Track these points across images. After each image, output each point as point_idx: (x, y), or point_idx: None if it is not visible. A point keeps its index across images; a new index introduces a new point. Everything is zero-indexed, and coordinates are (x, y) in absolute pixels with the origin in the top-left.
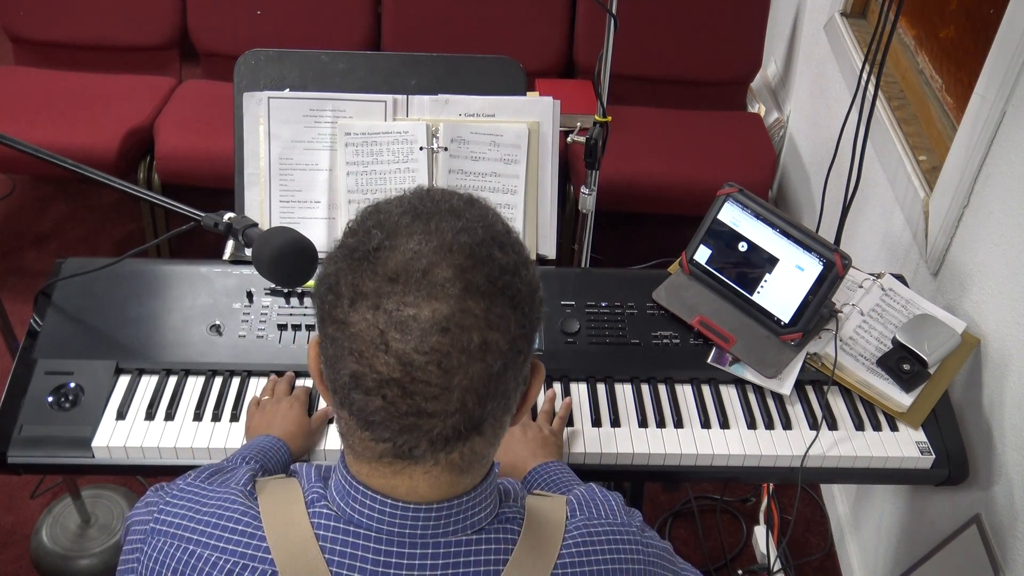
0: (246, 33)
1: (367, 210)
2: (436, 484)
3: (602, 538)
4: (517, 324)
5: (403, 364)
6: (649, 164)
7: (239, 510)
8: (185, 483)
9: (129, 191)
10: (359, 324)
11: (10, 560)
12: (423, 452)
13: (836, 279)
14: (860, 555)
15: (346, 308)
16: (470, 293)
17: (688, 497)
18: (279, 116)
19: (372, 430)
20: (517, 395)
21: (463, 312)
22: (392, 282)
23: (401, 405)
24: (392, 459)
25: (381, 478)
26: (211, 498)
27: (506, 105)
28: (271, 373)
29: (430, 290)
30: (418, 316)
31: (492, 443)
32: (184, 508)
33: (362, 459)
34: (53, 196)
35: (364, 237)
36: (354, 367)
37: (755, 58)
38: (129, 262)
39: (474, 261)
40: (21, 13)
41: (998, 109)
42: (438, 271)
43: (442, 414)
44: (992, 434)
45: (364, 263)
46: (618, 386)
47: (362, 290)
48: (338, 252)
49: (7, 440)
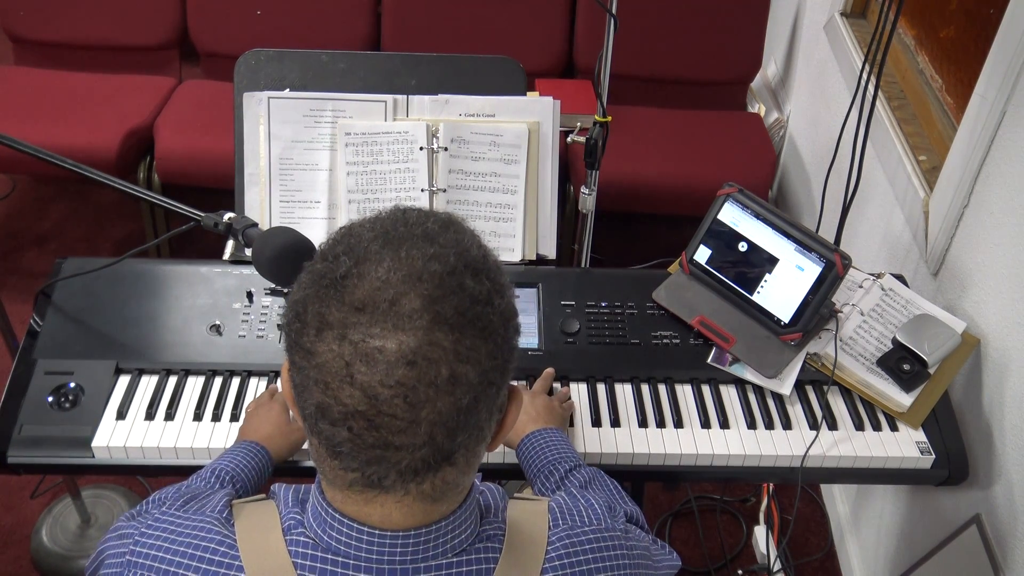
0: (246, 33)
1: (340, 232)
2: (409, 513)
3: (586, 546)
4: (488, 356)
5: (368, 397)
6: (649, 164)
7: (215, 539)
8: (160, 512)
9: (129, 191)
10: (325, 355)
11: (10, 560)
12: (392, 482)
13: (836, 279)
14: (860, 555)
15: (312, 337)
16: (438, 325)
17: (688, 497)
18: (279, 116)
19: (340, 460)
20: (492, 424)
21: (431, 345)
22: (359, 312)
23: (367, 437)
24: (363, 488)
25: (354, 505)
26: (187, 527)
27: (506, 105)
28: (271, 373)
29: (396, 321)
30: (384, 348)
31: (466, 472)
32: (160, 540)
33: (334, 486)
34: (53, 196)
35: (333, 263)
36: (320, 398)
37: (755, 58)
38: (129, 262)
39: (443, 291)
40: (21, 13)
41: (998, 109)
42: (405, 301)
43: (409, 447)
44: (992, 434)
45: (331, 291)
46: (618, 386)
47: (328, 319)
48: (306, 277)
49: (7, 440)
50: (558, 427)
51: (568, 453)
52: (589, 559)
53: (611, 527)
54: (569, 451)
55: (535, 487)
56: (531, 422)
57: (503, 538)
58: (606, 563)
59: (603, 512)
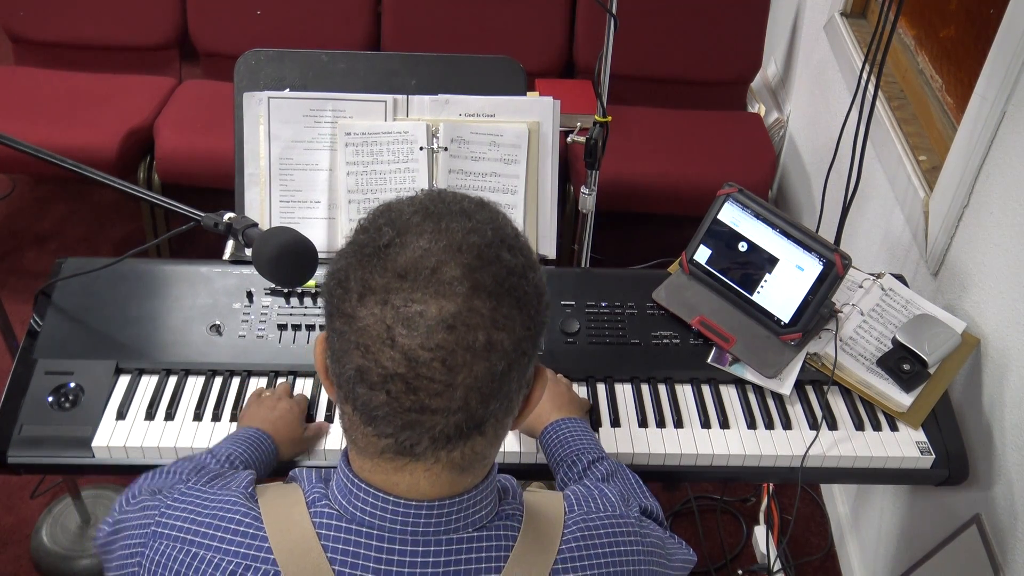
0: (246, 33)
1: (379, 208)
2: (437, 482)
3: (601, 531)
4: (523, 325)
5: (408, 360)
6: (649, 164)
7: (240, 511)
8: (186, 487)
9: (129, 191)
10: (366, 319)
11: (10, 560)
12: (424, 449)
13: (836, 279)
14: (860, 555)
15: (354, 302)
16: (477, 292)
17: (688, 497)
18: (279, 116)
19: (375, 425)
20: (520, 397)
21: (470, 311)
22: (401, 278)
23: (405, 400)
24: (394, 455)
25: (383, 474)
26: (212, 501)
27: (506, 105)
28: (271, 373)
29: (438, 288)
30: (425, 313)
31: (493, 444)
32: (186, 511)
33: (364, 455)
34: (53, 196)
35: (375, 234)
36: (360, 361)
37: (755, 58)
38: (129, 262)
39: (482, 261)
40: (21, 13)
41: (998, 109)
42: (447, 269)
43: (445, 411)
44: (992, 434)
45: (374, 259)
46: (618, 386)
47: (371, 285)
48: (348, 248)
49: (7, 440)
50: (580, 417)
51: (592, 444)
52: (603, 543)
53: (625, 515)
54: (593, 442)
55: (558, 475)
56: (555, 410)
57: (521, 518)
58: (619, 547)
59: (618, 501)
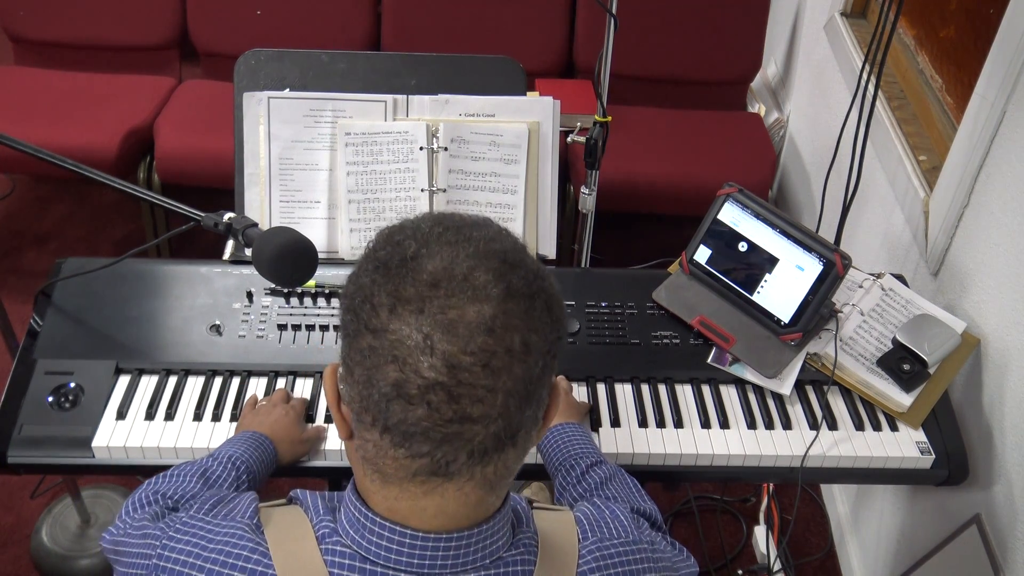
0: (246, 33)
1: (390, 228)
2: (465, 503)
3: (617, 559)
4: (552, 328)
5: (449, 366)
6: (649, 164)
7: (248, 547)
8: (188, 516)
9: (129, 191)
10: (402, 330)
11: (10, 560)
12: (460, 466)
13: (836, 279)
14: (860, 555)
15: (385, 316)
16: (511, 295)
17: (688, 497)
18: (279, 116)
19: (409, 445)
20: (544, 408)
21: (506, 313)
22: (433, 287)
23: (446, 411)
24: (427, 476)
25: (410, 500)
26: (217, 533)
27: (506, 105)
28: (271, 373)
29: (473, 292)
30: (464, 317)
31: (520, 458)
32: (190, 544)
33: (390, 482)
34: (53, 196)
35: (396, 248)
36: (396, 375)
37: (755, 58)
38: (129, 262)
39: (509, 266)
40: (21, 13)
41: (998, 109)
42: (478, 274)
43: (485, 419)
44: (992, 434)
45: (402, 270)
46: (618, 386)
47: (404, 296)
48: (365, 267)
49: (7, 440)
50: (579, 422)
51: (590, 448)
52: (619, 572)
53: (639, 539)
54: (591, 446)
55: (556, 479)
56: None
57: (536, 549)
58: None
59: (630, 524)
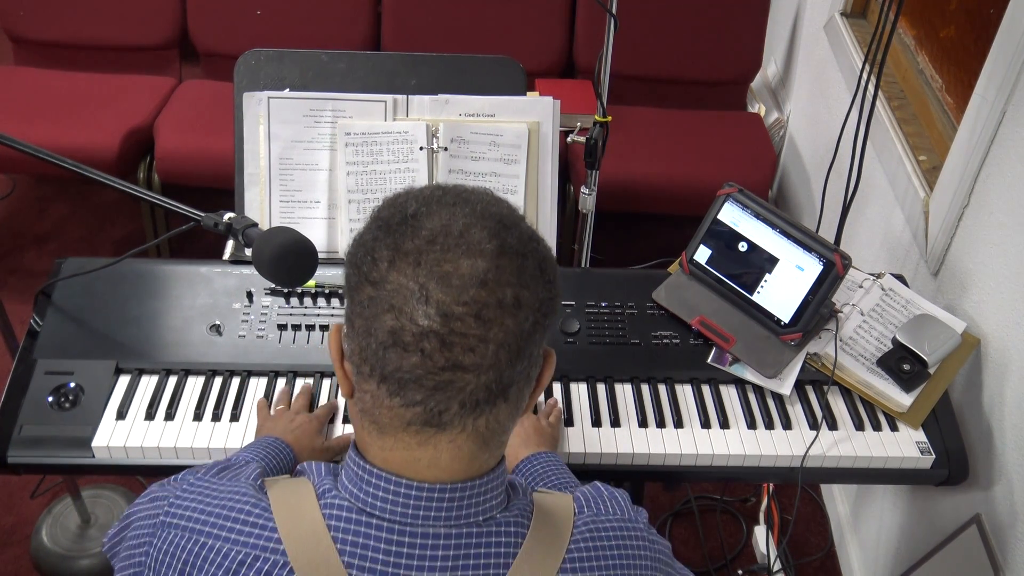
0: (246, 33)
1: (395, 193)
2: (458, 455)
3: (610, 533)
4: (544, 287)
5: (443, 315)
6: (649, 164)
7: (250, 502)
8: (195, 478)
9: (129, 191)
10: (399, 280)
11: (10, 560)
12: (452, 416)
13: (836, 279)
14: (860, 555)
15: (384, 268)
16: (504, 252)
17: (688, 497)
18: (279, 116)
19: (404, 393)
20: (536, 369)
21: (499, 268)
22: (431, 242)
23: (439, 359)
24: (420, 426)
25: (404, 450)
26: (222, 492)
27: (506, 105)
28: (271, 373)
29: (467, 248)
30: (458, 270)
31: (513, 415)
32: (195, 501)
33: (386, 433)
34: (53, 196)
35: (399, 208)
36: (392, 323)
37: (755, 58)
38: (129, 262)
39: (504, 226)
40: (21, 13)
41: (998, 109)
42: (474, 231)
43: (477, 369)
44: (992, 434)
45: (403, 226)
46: (618, 386)
47: (403, 249)
48: (370, 227)
49: (7, 440)
50: (549, 449)
51: (567, 477)
52: (613, 544)
53: (635, 520)
54: (567, 475)
55: None
56: (522, 446)
57: (531, 515)
58: (627, 551)
59: (627, 506)
